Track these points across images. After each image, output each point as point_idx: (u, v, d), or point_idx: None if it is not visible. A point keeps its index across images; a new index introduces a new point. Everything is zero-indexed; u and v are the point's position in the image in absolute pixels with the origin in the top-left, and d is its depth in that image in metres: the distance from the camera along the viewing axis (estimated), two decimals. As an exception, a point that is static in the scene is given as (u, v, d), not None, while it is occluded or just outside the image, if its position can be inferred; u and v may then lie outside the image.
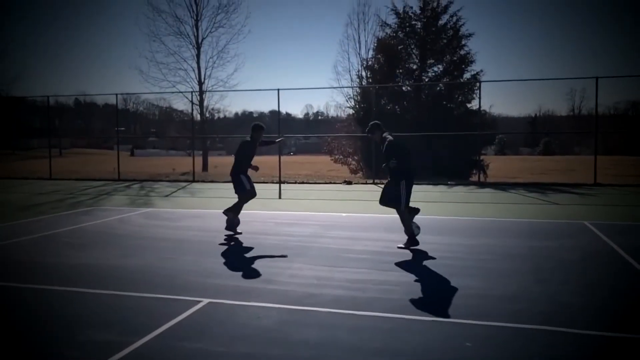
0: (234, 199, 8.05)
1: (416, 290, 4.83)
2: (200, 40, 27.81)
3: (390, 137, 6.77)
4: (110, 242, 7.37)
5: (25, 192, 15.47)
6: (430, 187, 16.40)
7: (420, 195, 13.89)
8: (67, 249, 6.85)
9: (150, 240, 7.46)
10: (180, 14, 27.68)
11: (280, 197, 13.47)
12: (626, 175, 20.41)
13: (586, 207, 11.08)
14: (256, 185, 8.07)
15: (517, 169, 27.56)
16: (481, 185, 17.17)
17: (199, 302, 4.44)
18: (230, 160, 8.71)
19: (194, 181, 19.27)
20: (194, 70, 27.77)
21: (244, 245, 7.12)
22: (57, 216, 10.03)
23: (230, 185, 8.14)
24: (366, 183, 18.12)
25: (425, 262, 5.97)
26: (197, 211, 10.93)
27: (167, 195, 14.41)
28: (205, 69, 27.91)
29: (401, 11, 22.66)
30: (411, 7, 22.61)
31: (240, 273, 5.52)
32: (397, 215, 6.84)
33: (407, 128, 19.96)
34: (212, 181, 19.09)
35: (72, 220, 9.38)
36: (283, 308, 4.30)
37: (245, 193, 7.92)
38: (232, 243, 7.25)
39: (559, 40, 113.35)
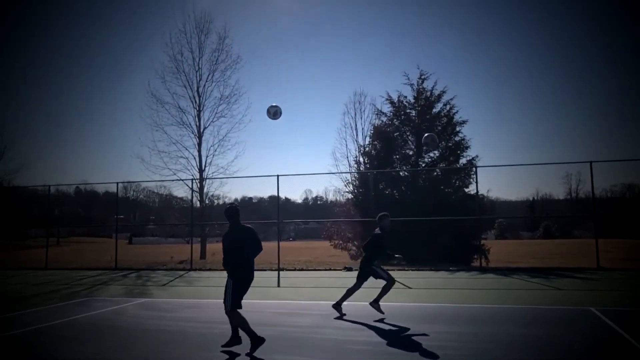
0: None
1: (422, 385, 4.61)
2: (201, 130, 28.56)
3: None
4: (104, 335, 7.13)
5: (19, 282, 15.20)
6: (431, 272, 16.18)
7: (422, 281, 13.66)
8: (59, 344, 6.60)
9: (145, 333, 7.22)
10: (183, 105, 28.64)
11: (279, 285, 13.23)
12: (629, 259, 20.21)
13: (591, 293, 10.86)
14: (254, 273, 7.92)
15: (519, 253, 27.33)
16: (483, 270, 16.93)
17: (194, 400, 4.22)
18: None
19: (191, 269, 19.00)
20: (194, 158, 28.28)
21: (241, 336, 6.88)
22: (50, 308, 9.77)
23: (224, 272, 8.06)
24: (366, 269, 17.84)
25: (428, 352, 5.74)
26: (194, 301, 10.68)
27: (164, 285, 14.15)
28: (206, 156, 28.43)
29: (396, 100, 23.50)
30: (405, 97, 23.48)
31: (238, 368, 5.29)
32: (399, 304, 6.68)
33: (406, 212, 20.03)
34: (210, 269, 18.82)
35: (66, 312, 9.13)
36: (282, 406, 4.08)
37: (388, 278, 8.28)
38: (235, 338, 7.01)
39: (553, 125, 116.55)
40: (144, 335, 7.03)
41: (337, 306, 8.50)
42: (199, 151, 28.31)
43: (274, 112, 10.22)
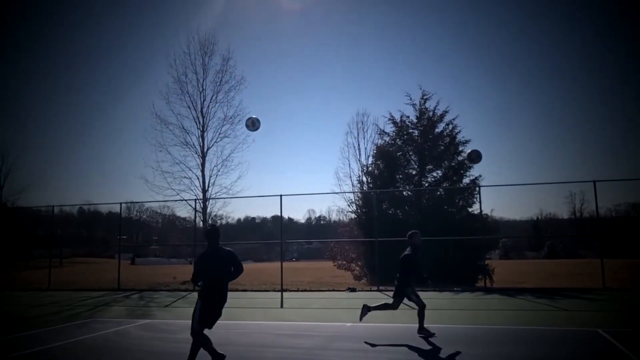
0: (233, 308, 7.84)
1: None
2: (205, 150, 28.61)
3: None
4: (106, 357, 7.07)
5: (21, 304, 15.13)
6: (435, 293, 16.05)
7: (426, 302, 13.51)
8: (60, 366, 6.55)
9: (147, 355, 7.15)
10: (187, 126, 28.72)
11: (282, 306, 13.13)
12: (636, 279, 20.02)
13: (598, 314, 10.74)
14: (257, 294, 7.89)
15: (523, 273, 27.12)
16: (488, 290, 16.79)
17: None
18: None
19: (194, 290, 18.89)
20: (198, 179, 28.27)
21: (243, 359, 6.81)
22: (51, 330, 9.71)
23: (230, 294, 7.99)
24: (371, 290, 17.73)
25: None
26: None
27: (166, 306, 14.07)
28: (210, 176, 28.42)
29: (398, 120, 23.53)
30: (408, 117, 23.51)
31: (240, 391, 5.22)
32: (403, 325, 6.62)
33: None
34: (213, 290, 18.70)
35: (67, 334, 9.07)
36: None
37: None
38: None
39: (556, 144, 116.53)
40: (147, 357, 6.97)
41: (367, 310, 8.53)
42: (203, 171, 28.34)
43: (252, 123, 10.37)
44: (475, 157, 11.85)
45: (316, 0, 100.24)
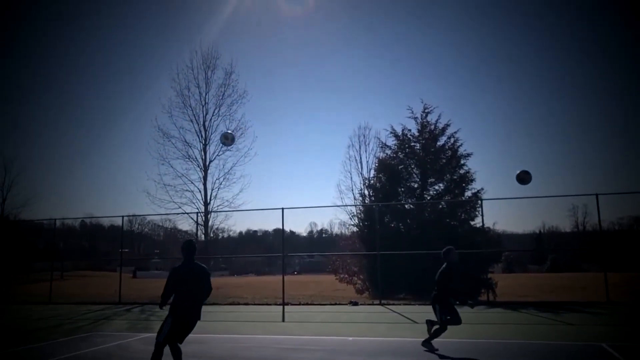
0: (235, 322, 7.81)
1: None
2: (207, 163, 28.73)
3: None
4: (106, 371, 7.03)
5: (22, 317, 15.08)
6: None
7: (429, 316, 13.45)
8: (61, 380, 6.51)
9: (148, 369, 7.10)
10: (189, 139, 28.89)
11: (283, 320, 13.07)
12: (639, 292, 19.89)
13: (602, 328, 10.66)
14: (259, 308, 7.84)
15: (526, 286, 26.97)
16: (491, 304, 16.70)
17: None
18: (231, 281, 8.62)
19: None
20: (200, 192, 28.37)
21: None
22: (53, 343, 9.67)
23: (228, 307, 7.98)
24: (372, 304, 17.64)
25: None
26: (198, 336, 10.52)
27: (167, 319, 14.00)
28: (212, 190, 28.52)
29: (400, 133, 23.56)
30: (410, 130, 23.53)
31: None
32: (404, 339, 6.58)
33: (412, 246, 19.87)
34: (214, 303, 18.63)
35: (69, 348, 9.03)
36: None
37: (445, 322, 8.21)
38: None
39: (558, 157, 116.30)
40: (147, 372, 6.92)
41: (430, 325, 8.55)
42: (205, 184, 28.44)
43: (225, 137, 10.58)
44: (519, 178, 11.91)
45: (318, 13, 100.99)
